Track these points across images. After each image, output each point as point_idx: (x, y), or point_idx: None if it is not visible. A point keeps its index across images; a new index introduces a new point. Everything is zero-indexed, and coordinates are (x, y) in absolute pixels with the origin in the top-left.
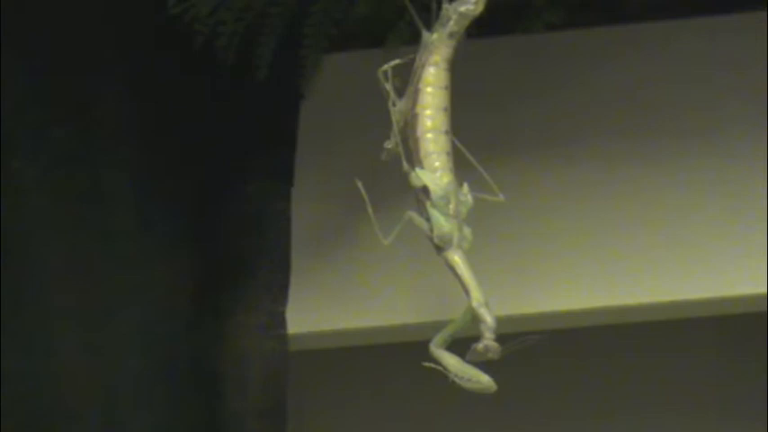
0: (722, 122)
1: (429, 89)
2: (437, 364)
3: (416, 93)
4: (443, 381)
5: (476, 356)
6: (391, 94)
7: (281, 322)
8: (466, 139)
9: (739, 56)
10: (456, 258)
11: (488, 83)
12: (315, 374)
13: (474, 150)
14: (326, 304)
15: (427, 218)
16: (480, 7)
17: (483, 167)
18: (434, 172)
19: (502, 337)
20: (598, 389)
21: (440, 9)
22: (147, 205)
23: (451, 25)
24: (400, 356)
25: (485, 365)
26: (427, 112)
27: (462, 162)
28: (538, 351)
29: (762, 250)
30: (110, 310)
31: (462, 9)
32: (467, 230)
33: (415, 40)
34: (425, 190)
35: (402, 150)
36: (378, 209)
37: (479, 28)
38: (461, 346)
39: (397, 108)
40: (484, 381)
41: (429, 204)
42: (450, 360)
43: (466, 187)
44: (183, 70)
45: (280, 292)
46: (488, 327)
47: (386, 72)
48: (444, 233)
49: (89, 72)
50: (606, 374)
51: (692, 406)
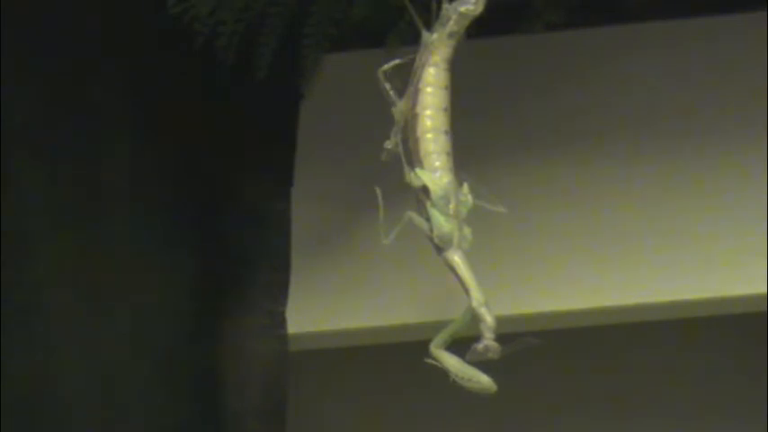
0: (722, 122)
1: (429, 89)
2: (438, 364)
3: (416, 93)
4: (443, 381)
5: (476, 356)
6: (391, 94)
7: (281, 322)
8: (466, 139)
9: (739, 56)
10: (456, 258)
11: (488, 83)
12: (315, 374)
13: (474, 150)
14: (326, 304)
15: (427, 218)
16: (480, 7)
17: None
18: (434, 172)
19: (502, 337)
20: (598, 389)
21: (440, 9)
22: (147, 205)
23: (451, 25)
24: (400, 356)
25: (485, 365)
26: (427, 112)
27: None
28: (537, 351)
29: (762, 250)
30: (110, 310)
31: (462, 9)
32: (467, 230)
33: (415, 40)
34: (425, 190)
35: (402, 150)
36: (378, 209)
37: (479, 28)
38: (461, 346)
39: (397, 108)
40: (484, 381)
41: (429, 204)
42: (451, 360)
43: (466, 187)
44: (182, 70)
45: (280, 292)
46: (488, 327)
47: (386, 72)
48: (444, 233)
49: (89, 72)
50: (606, 374)
51: (692, 406)
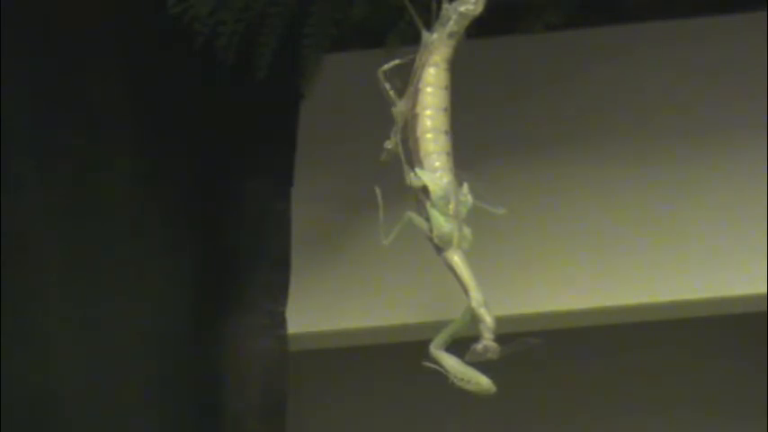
0: (722, 122)
1: (429, 89)
2: (437, 365)
3: (416, 93)
4: (443, 381)
5: (475, 357)
6: (391, 94)
7: (281, 322)
8: (465, 139)
9: (739, 56)
10: (456, 258)
11: (488, 83)
12: (315, 374)
13: (473, 150)
14: (326, 304)
15: (427, 218)
16: (480, 7)
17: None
18: (434, 172)
19: (501, 338)
20: (598, 389)
21: (440, 9)
22: (147, 205)
23: (451, 25)
24: (400, 356)
25: (484, 365)
26: (427, 112)
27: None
28: (537, 351)
29: (762, 250)
30: (109, 310)
31: (462, 9)
32: (467, 230)
33: (415, 40)
34: (425, 190)
35: (402, 150)
36: (378, 209)
37: (479, 28)
38: (462, 346)
39: (398, 108)
40: (483, 383)
41: (429, 204)
42: (450, 361)
43: (466, 187)
44: (183, 70)
45: (280, 292)
46: (488, 327)
47: (386, 72)
48: (444, 233)
49: (89, 72)
50: (606, 374)
51: (692, 406)
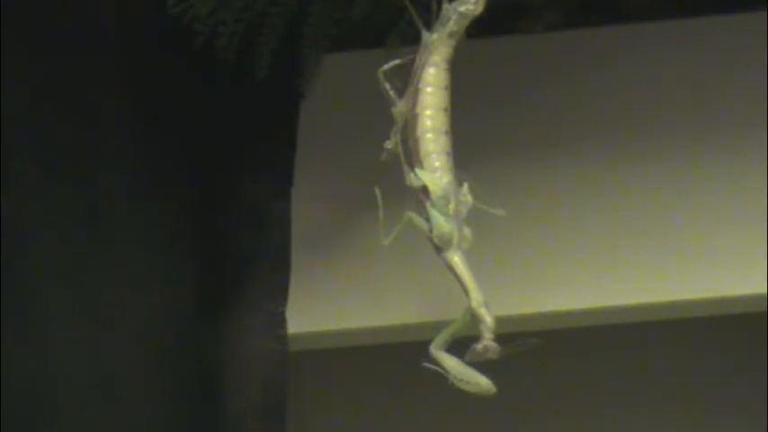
0: (722, 122)
1: (429, 89)
2: (437, 365)
3: (416, 93)
4: (443, 381)
5: (475, 357)
6: (391, 94)
7: (281, 322)
8: (465, 139)
9: (739, 56)
10: (456, 259)
11: (488, 83)
12: (315, 374)
13: (473, 150)
14: (326, 304)
15: (427, 218)
16: (480, 7)
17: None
18: (434, 172)
19: (501, 338)
20: (598, 389)
21: (440, 9)
22: (147, 205)
23: (451, 25)
24: (400, 356)
25: (485, 365)
26: (427, 112)
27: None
28: (538, 351)
29: (762, 250)
30: (109, 310)
31: (462, 9)
32: (467, 230)
33: (415, 40)
34: (425, 190)
35: (402, 150)
36: (378, 209)
37: (479, 28)
38: (462, 346)
39: (398, 108)
40: (483, 383)
41: (429, 204)
42: (450, 362)
43: (466, 187)
44: (182, 70)
45: (280, 292)
46: (488, 327)
47: (386, 72)
48: (444, 233)
49: (89, 72)
50: (606, 374)
51: (692, 406)
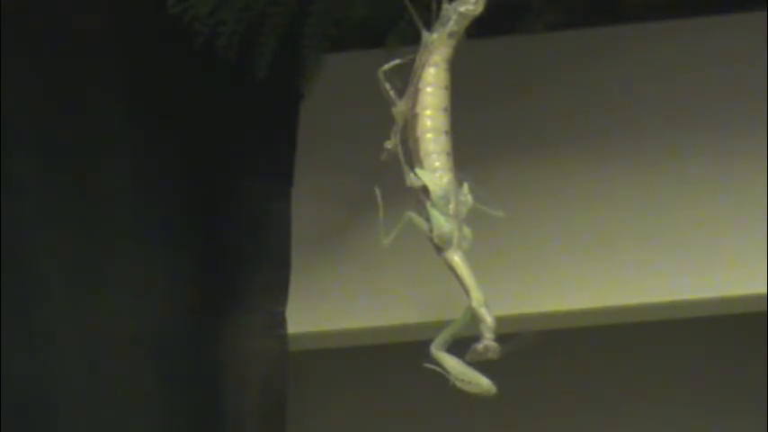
0: (722, 122)
1: (429, 89)
2: (438, 365)
3: (416, 93)
4: (443, 381)
5: (476, 356)
6: (391, 94)
7: (281, 322)
8: (465, 138)
9: (739, 56)
10: (456, 258)
11: (488, 83)
12: (315, 374)
13: (473, 150)
14: (326, 304)
15: (427, 218)
16: (480, 7)
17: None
18: (434, 172)
19: (501, 337)
20: (598, 389)
21: (440, 9)
22: (148, 205)
23: (451, 25)
24: (400, 356)
25: (485, 364)
26: (427, 112)
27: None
28: (538, 351)
29: (762, 250)
30: (109, 310)
31: (462, 9)
32: (467, 230)
33: (415, 40)
34: (425, 190)
35: (402, 150)
36: (378, 209)
37: (479, 28)
38: (462, 346)
39: (398, 108)
40: (483, 384)
41: (429, 204)
42: (451, 362)
43: (466, 187)
44: (183, 70)
45: (280, 292)
46: (488, 327)
47: (386, 72)
48: (444, 233)
49: (89, 72)
50: (606, 374)
51: (692, 405)
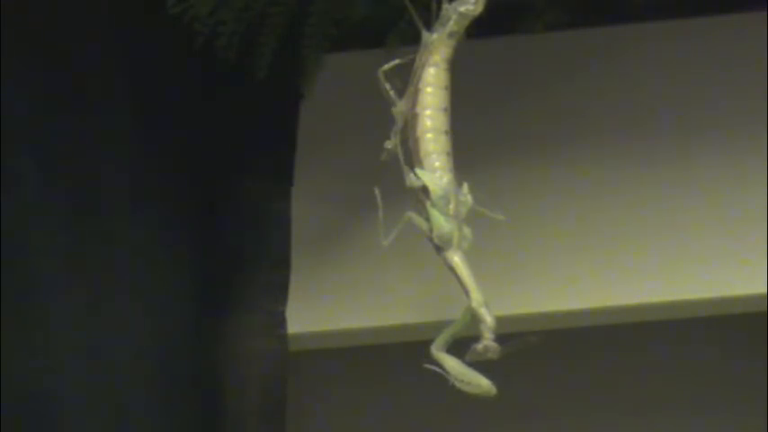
0: (721, 122)
1: (429, 89)
2: (438, 366)
3: (416, 93)
4: (444, 381)
5: (476, 357)
6: (391, 94)
7: (281, 322)
8: (465, 139)
9: (739, 56)
10: (456, 259)
11: (488, 83)
12: (315, 374)
13: (473, 150)
14: (326, 304)
15: (427, 218)
16: (480, 7)
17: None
18: (434, 172)
19: (501, 337)
20: (598, 389)
21: (440, 9)
22: (147, 205)
23: (451, 25)
24: (400, 356)
25: (485, 365)
26: (427, 112)
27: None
28: (537, 351)
29: (762, 250)
30: (109, 310)
31: (462, 9)
32: (467, 230)
33: (415, 40)
34: (425, 190)
35: (402, 150)
36: (378, 209)
37: (479, 28)
38: (462, 346)
39: (398, 108)
40: (483, 384)
41: (429, 204)
42: (451, 363)
43: (466, 187)
44: (182, 70)
45: (280, 292)
46: (488, 327)
47: (386, 72)
48: (444, 233)
49: (89, 72)
50: (606, 374)
51: (691, 406)
